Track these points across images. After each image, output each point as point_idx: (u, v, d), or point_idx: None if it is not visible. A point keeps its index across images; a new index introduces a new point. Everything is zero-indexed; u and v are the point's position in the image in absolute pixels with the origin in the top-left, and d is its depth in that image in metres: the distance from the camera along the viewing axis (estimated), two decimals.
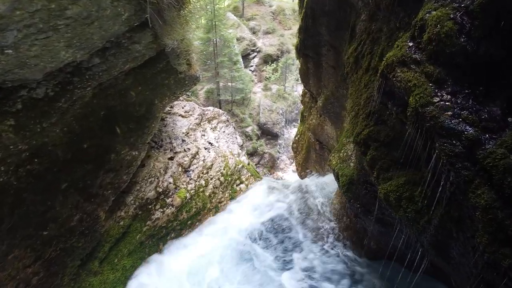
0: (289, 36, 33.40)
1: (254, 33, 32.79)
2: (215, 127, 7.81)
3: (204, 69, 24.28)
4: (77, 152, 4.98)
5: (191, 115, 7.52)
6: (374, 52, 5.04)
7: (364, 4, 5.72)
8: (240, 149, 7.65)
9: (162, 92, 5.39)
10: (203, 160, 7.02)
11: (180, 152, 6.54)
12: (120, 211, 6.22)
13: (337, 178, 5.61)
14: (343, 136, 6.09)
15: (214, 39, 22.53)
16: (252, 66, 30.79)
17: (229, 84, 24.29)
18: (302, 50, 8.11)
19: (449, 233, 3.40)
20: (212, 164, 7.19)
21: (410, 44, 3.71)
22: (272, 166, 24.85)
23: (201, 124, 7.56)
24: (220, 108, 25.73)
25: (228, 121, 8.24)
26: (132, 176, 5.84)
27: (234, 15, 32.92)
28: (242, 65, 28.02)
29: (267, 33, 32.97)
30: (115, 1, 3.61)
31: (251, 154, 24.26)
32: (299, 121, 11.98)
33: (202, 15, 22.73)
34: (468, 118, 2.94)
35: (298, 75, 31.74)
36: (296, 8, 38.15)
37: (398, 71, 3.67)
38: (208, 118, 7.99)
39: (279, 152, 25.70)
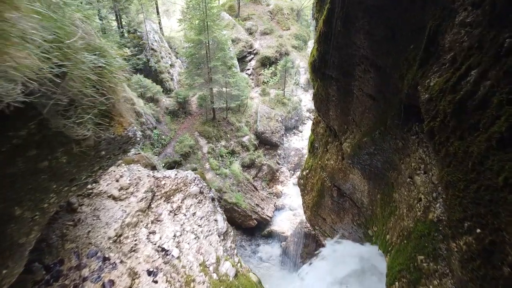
0: (288, 37, 30.10)
1: (250, 33, 29.44)
2: (179, 208, 4.10)
3: (196, 73, 21.09)
4: None
5: (132, 193, 3.79)
6: None
7: None
8: (223, 240, 4.20)
9: (35, 187, 2.35)
10: None
11: None
12: None
13: None
14: (414, 248, 3.06)
15: (207, 41, 19.27)
16: (248, 69, 27.54)
17: (224, 89, 21.08)
18: (321, 68, 5.03)
19: None
20: None
21: None
22: (271, 179, 21.84)
23: (152, 207, 3.93)
24: (214, 116, 22.52)
25: (202, 193, 4.60)
26: None
27: (229, 15, 29.53)
28: (238, 68, 24.80)
29: (264, 33, 29.62)
30: None
31: (248, 167, 21.24)
32: (308, 153, 8.91)
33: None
34: None
35: (299, 79, 28.69)
36: (295, 7, 34.80)
37: None
38: (165, 192, 4.22)
39: (279, 164, 22.68)
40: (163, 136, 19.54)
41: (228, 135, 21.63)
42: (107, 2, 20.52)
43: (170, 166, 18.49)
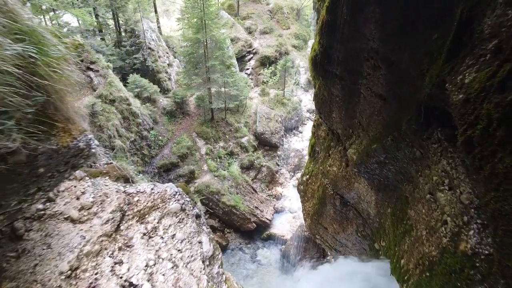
0: (288, 36, 29.43)
1: (250, 33, 28.77)
2: (155, 230, 3.39)
3: (194, 73, 20.44)
4: None
5: (95, 214, 3.11)
6: None
7: None
8: (208, 266, 3.53)
9: None
10: None
11: None
12: None
13: None
14: (442, 287, 2.43)
15: (204, 40, 18.62)
16: (248, 69, 26.88)
17: (222, 89, 20.42)
18: (323, 65, 4.39)
19: None
20: None
21: None
22: (271, 180, 21.20)
23: (121, 229, 3.20)
24: (212, 117, 21.79)
25: (183, 210, 3.79)
26: None
27: (229, 14, 28.87)
28: (237, 68, 24.13)
29: (264, 33, 28.94)
30: None
31: (247, 168, 20.58)
32: (309, 157, 8.29)
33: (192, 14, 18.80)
34: None
35: (299, 79, 28.05)
36: (295, 6, 34.10)
37: None
38: (139, 211, 3.47)
39: (278, 165, 22.03)
40: (160, 137, 18.92)
41: (227, 136, 21.00)
42: (104, 0, 19.92)
43: (167, 167, 17.88)
